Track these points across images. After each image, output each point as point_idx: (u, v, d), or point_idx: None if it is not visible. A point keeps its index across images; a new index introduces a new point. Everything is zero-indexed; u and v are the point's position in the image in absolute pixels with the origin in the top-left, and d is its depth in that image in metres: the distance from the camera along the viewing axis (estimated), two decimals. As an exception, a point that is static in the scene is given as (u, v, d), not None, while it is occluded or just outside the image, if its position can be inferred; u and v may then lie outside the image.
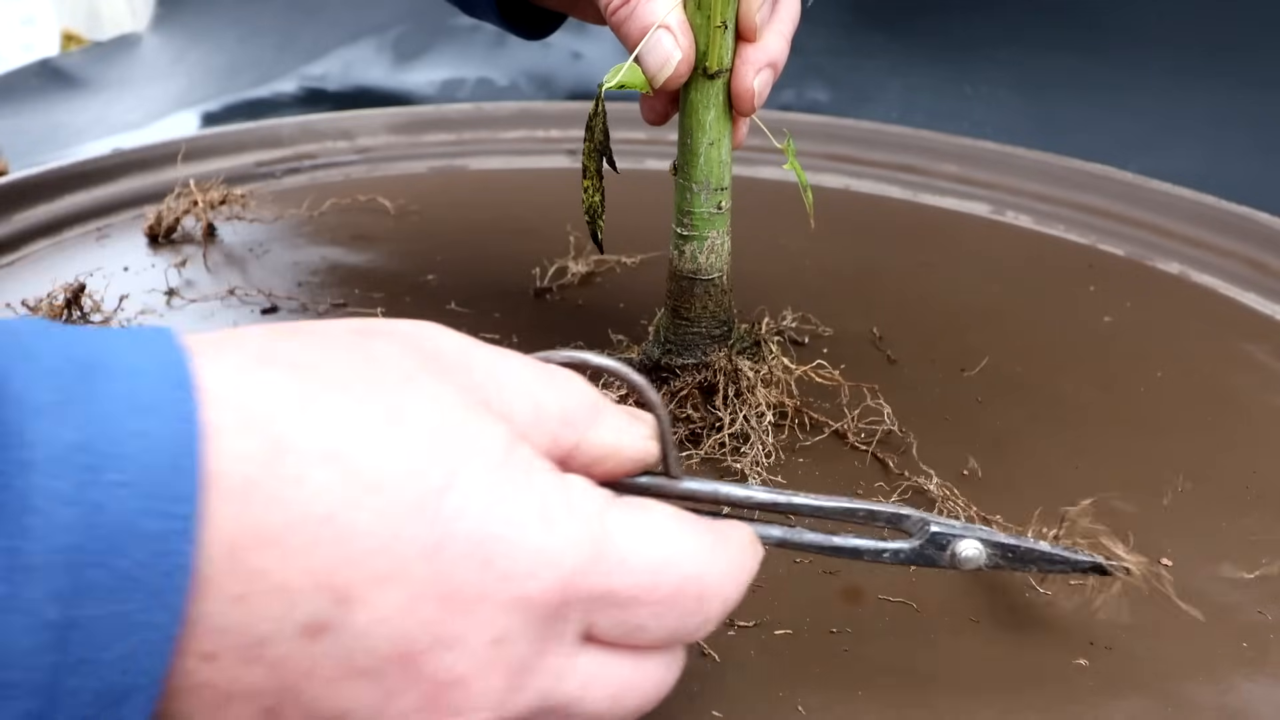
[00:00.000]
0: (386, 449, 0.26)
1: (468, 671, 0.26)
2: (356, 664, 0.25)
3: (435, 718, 0.26)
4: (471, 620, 0.26)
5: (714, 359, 0.50)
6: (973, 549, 0.36)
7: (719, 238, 0.49)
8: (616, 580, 0.28)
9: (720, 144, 0.47)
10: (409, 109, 0.92)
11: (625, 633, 0.29)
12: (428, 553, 0.25)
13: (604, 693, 0.29)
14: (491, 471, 0.27)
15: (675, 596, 0.29)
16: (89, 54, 1.36)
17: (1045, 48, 1.07)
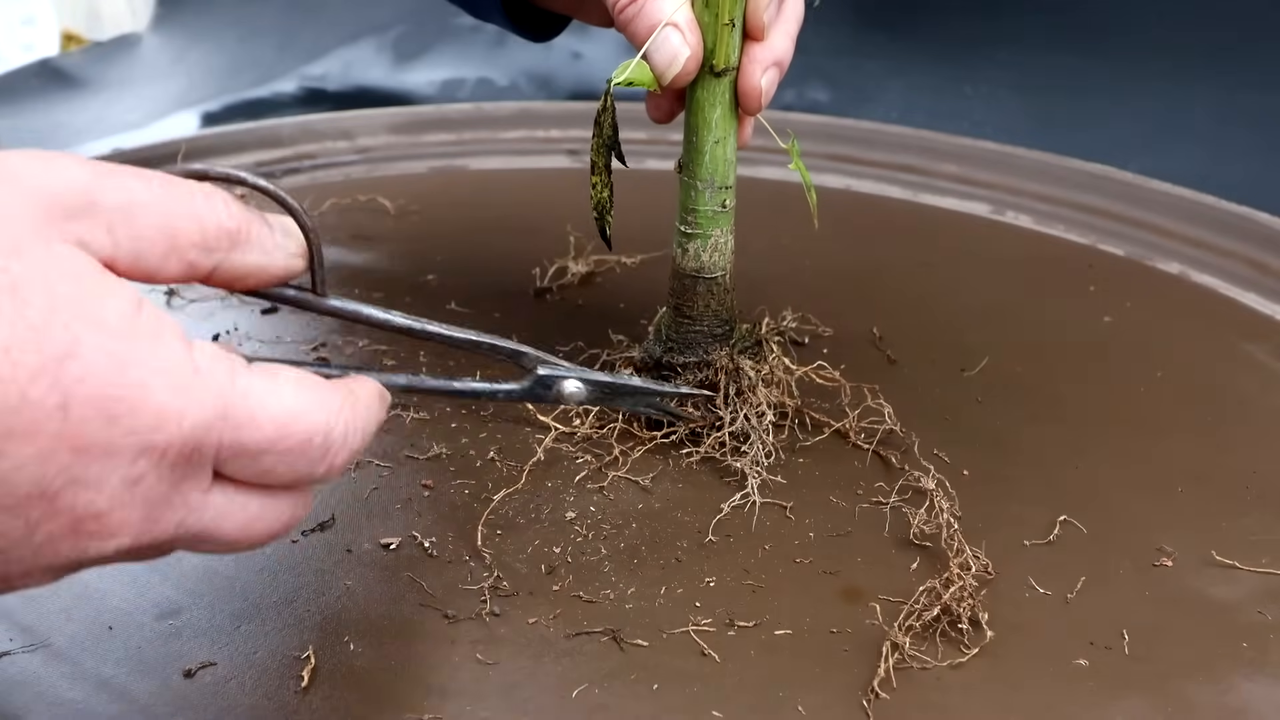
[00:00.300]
0: (6, 318, 0.28)
1: (105, 507, 0.29)
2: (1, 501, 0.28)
3: (79, 542, 0.29)
4: (104, 466, 0.29)
5: (716, 358, 0.50)
6: (574, 386, 0.42)
7: (722, 236, 0.49)
8: (245, 435, 0.31)
9: (726, 142, 0.47)
10: (409, 109, 0.92)
11: (255, 475, 0.32)
12: (55, 412, 0.28)
13: (234, 524, 0.32)
14: (113, 339, 0.29)
15: (302, 447, 0.32)
16: (89, 54, 1.35)
17: (1045, 48, 1.07)
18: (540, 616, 0.41)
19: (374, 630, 0.40)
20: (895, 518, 0.46)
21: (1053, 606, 0.42)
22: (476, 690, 0.38)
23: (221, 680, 0.38)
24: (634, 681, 0.38)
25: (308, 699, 0.37)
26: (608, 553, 0.44)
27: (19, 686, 0.37)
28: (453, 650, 0.39)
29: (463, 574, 0.43)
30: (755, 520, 0.46)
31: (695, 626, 0.40)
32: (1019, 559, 0.44)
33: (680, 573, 0.43)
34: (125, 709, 0.36)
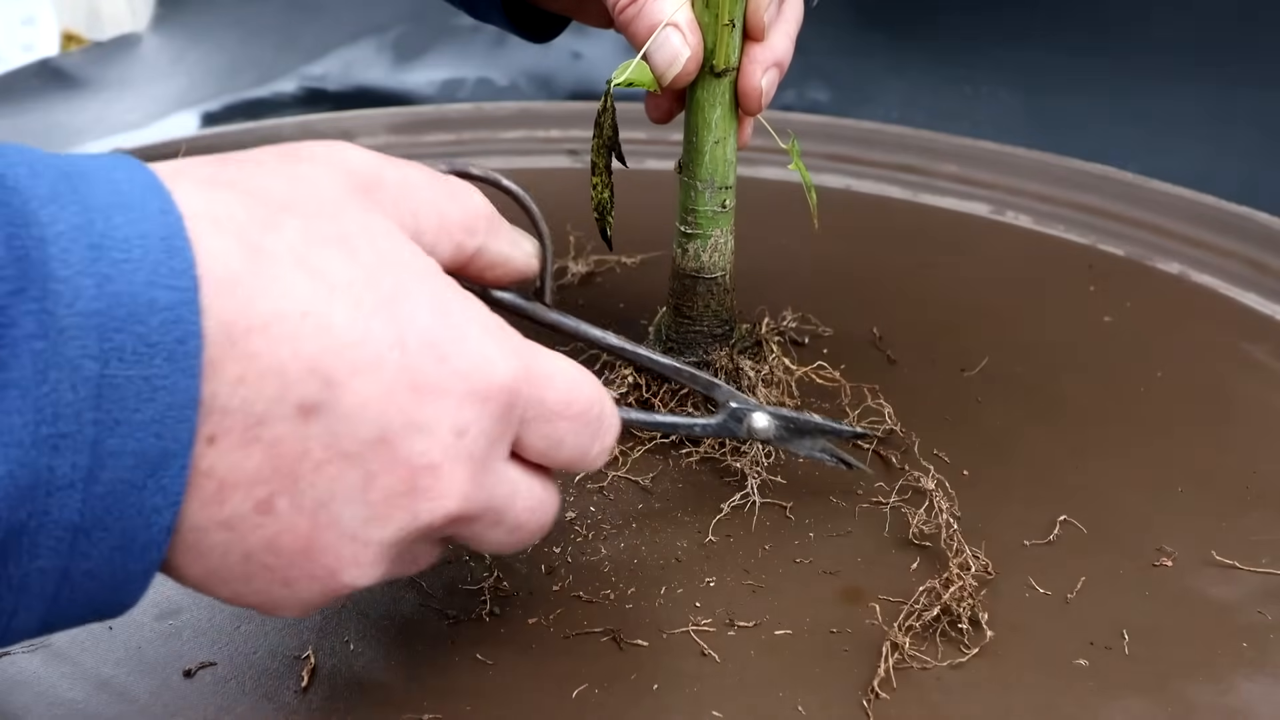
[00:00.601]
0: (342, 260, 0.29)
1: (438, 459, 0.30)
2: (343, 446, 0.29)
3: (411, 501, 0.30)
4: (437, 409, 0.30)
5: (715, 358, 0.50)
6: (764, 420, 0.44)
7: (722, 236, 0.49)
8: (546, 391, 0.32)
9: (725, 143, 0.48)
10: (409, 109, 0.92)
11: (547, 446, 0.33)
12: (394, 347, 0.29)
13: (524, 505, 0.33)
14: (433, 288, 0.31)
15: (585, 414, 0.33)
16: (89, 54, 1.35)
17: (1045, 48, 1.07)
18: (540, 616, 0.41)
19: (374, 630, 0.40)
20: (895, 518, 0.46)
21: (1053, 606, 0.42)
22: (476, 690, 0.38)
23: (221, 680, 0.38)
24: (634, 681, 0.38)
25: (308, 699, 0.37)
26: (608, 553, 0.44)
27: (19, 686, 0.37)
28: (453, 650, 0.39)
29: (463, 574, 0.43)
30: (755, 520, 0.46)
31: (695, 626, 0.40)
32: (1019, 559, 0.44)
33: (680, 573, 0.43)
34: (125, 709, 0.36)
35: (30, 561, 0.26)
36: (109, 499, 0.26)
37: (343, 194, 0.31)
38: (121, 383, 0.25)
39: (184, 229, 0.27)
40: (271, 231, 0.29)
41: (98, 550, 0.26)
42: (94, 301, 0.25)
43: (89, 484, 0.26)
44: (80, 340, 0.25)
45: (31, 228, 0.25)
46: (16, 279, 0.24)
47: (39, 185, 0.26)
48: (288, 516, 0.29)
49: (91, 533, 0.26)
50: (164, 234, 0.27)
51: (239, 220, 0.28)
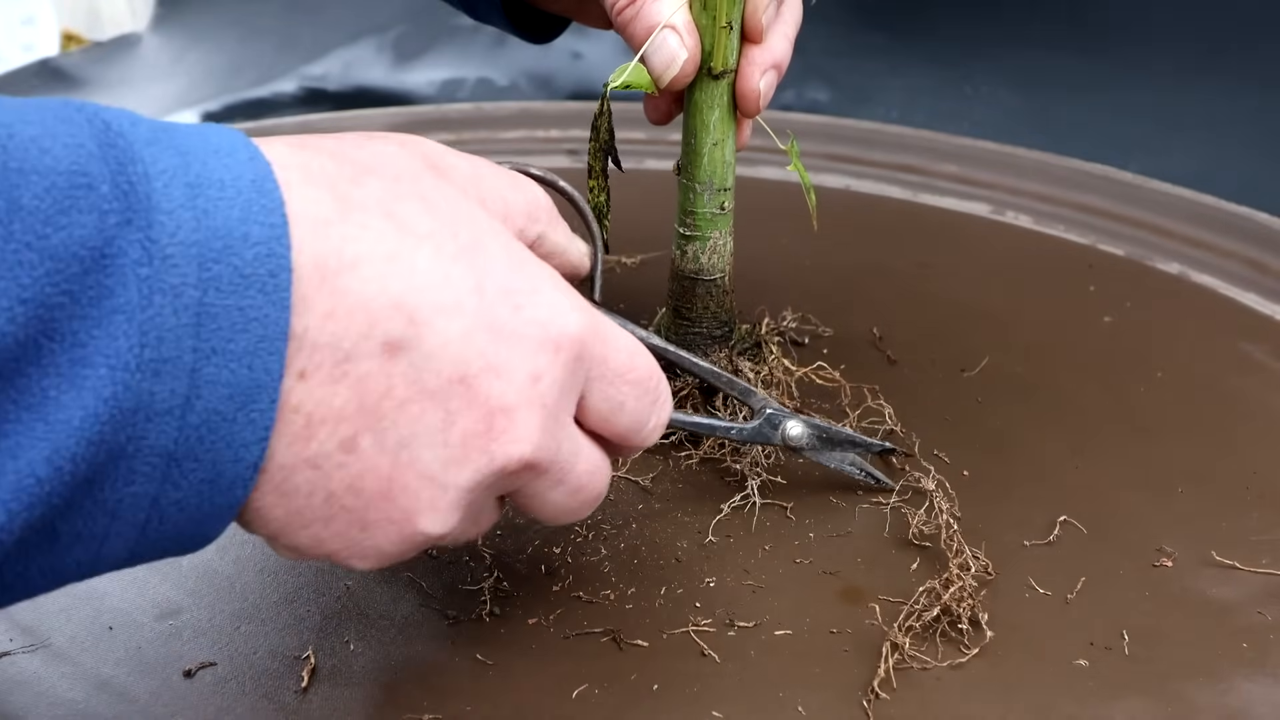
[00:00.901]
0: (423, 213, 0.31)
1: (513, 401, 0.31)
2: (426, 384, 0.30)
3: (488, 443, 0.31)
4: (513, 353, 0.31)
5: (715, 359, 0.50)
6: (798, 429, 0.45)
7: (721, 238, 0.49)
8: (610, 351, 0.34)
9: (724, 144, 0.47)
10: (409, 109, 0.92)
11: (609, 409, 0.34)
12: (473, 292, 0.31)
13: (585, 467, 0.34)
14: (506, 244, 0.32)
15: (645, 381, 0.35)
16: (89, 54, 1.35)
17: (1045, 48, 1.07)
18: (540, 616, 0.41)
19: (374, 630, 0.40)
20: (895, 518, 0.46)
21: (1053, 606, 0.42)
22: (476, 690, 0.38)
23: (221, 680, 0.38)
24: (634, 681, 0.38)
25: (308, 699, 0.37)
26: (608, 553, 0.44)
27: (19, 686, 0.37)
28: (453, 650, 0.39)
29: (463, 574, 0.43)
30: (755, 520, 0.46)
31: (695, 626, 0.40)
32: (1019, 559, 0.44)
33: (680, 573, 0.43)
34: (125, 709, 0.36)
35: (125, 486, 0.27)
36: (202, 429, 0.27)
37: (419, 166, 0.33)
38: (219, 312, 0.27)
39: (273, 174, 0.29)
40: (358, 186, 0.30)
41: (188, 481, 0.27)
42: (193, 233, 0.27)
43: (185, 412, 0.27)
44: (181, 269, 0.26)
45: (136, 165, 0.27)
46: (124, 211, 0.26)
47: (140, 131, 0.28)
48: (370, 456, 0.30)
49: (183, 462, 0.27)
50: (254, 176, 0.28)
51: (329, 173, 0.30)
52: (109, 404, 0.26)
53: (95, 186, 0.26)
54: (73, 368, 0.25)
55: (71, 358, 0.25)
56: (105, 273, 0.26)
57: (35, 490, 0.25)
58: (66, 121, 0.26)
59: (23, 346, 0.25)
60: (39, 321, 0.25)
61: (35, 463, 0.25)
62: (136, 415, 0.26)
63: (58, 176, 0.25)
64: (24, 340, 0.25)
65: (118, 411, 0.26)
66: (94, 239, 0.25)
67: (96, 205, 0.26)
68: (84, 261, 0.25)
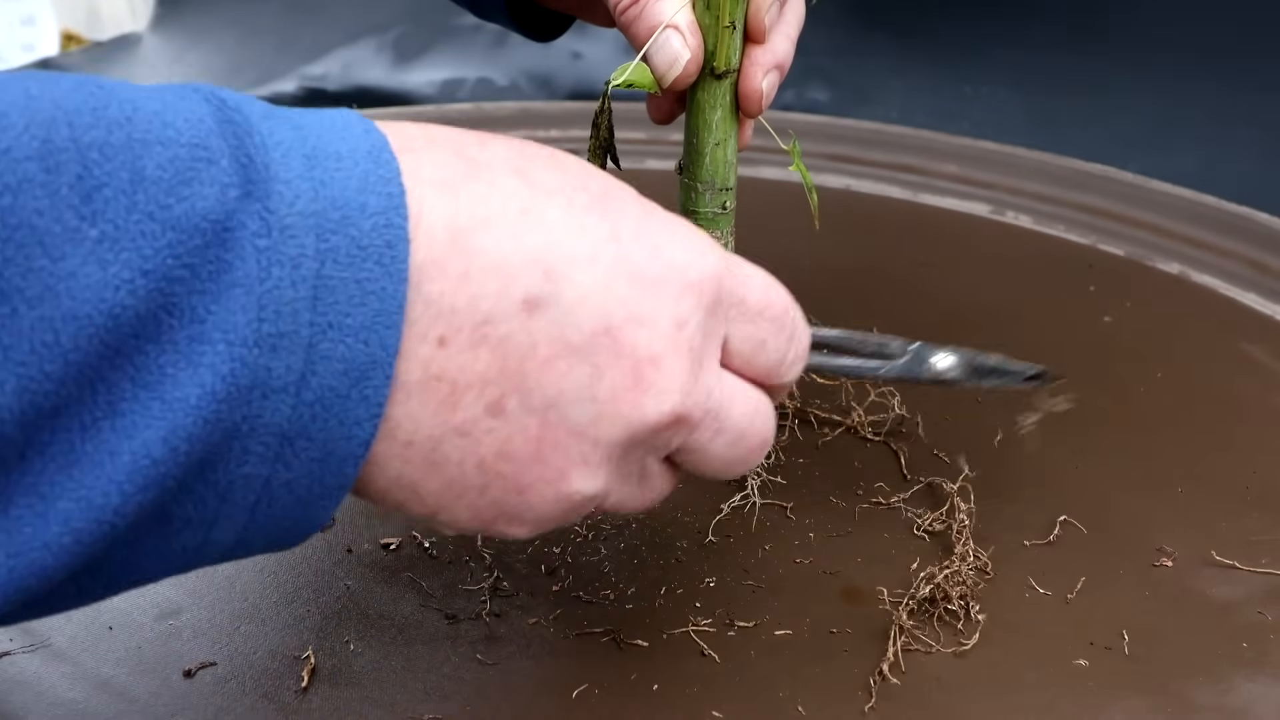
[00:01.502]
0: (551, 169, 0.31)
1: (660, 350, 0.30)
2: (569, 340, 0.29)
3: (637, 395, 0.30)
4: (656, 300, 0.30)
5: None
6: (948, 360, 0.43)
7: (723, 238, 0.49)
8: (747, 290, 0.33)
9: (726, 144, 0.47)
10: (409, 109, 0.92)
11: (752, 349, 0.33)
12: (609, 240, 0.30)
13: (742, 410, 0.33)
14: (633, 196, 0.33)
15: (783, 316, 0.34)
16: (89, 54, 1.35)
17: (1045, 48, 1.07)
18: (540, 616, 0.41)
19: (374, 630, 0.40)
20: (895, 518, 0.46)
21: (1053, 606, 0.42)
22: (476, 690, 0.38)
23: (221, 680, 0.38)
24: (634, 681, 0.38)
25: (308, 699, 0.37)
26: (608, 553, 0.44)
27: (19, 686, 0.37)
28: (453, 650, 0.39)
29: (463, 574, 0.43)
30: (755, 520, 0.46)
31: (695, 626, 0.40)
32: (1019, 559, 0.44)
33: (680, 573, 0.43)
34: (125, 709, 0.36)
35: (238, 467, 0.26)
36: (316, 406, 0.27)
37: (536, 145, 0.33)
38: (336, 285, 0.26)
39: (389, 145, 0.28)
40: (485, 148, 0.31)
41: (299, 460, 0.27)
42: (311, 204, 0.27)
43: (300, 389, 0.26)
44: (299, 239, 0.26)
45: (254, 137, 0.27)
46: (243, 184, 0.26)
47: (255, 107, 0.28)
48: (518, 417, 0.29)
49: (296, 441, 0.27)
50: (370, 147, 0.28)
51: (453, 139, 0.30)
52: (226, 381, 0.25)
53: (215, 160, 0.26)
54: (191, 344, 0.25)
55: (190, 334, 0.25)
56: (225, 246, 0.25)
57: (150, 472, 0.25)
58: (185, 99, 0.27)
59: (143, 321, 0.25)
60: (160, 295, 0.25)
61: (151, 443, 0.25)
62: (253, 392, 0.26)
63: (180, 149, 0.25)
64: (144, 314, 0.24)
65: (235, 389, 0.25)
66: (215, 211, 0.25)
67: (217, 178, 0.26)
68: (205, 234, 0.25)
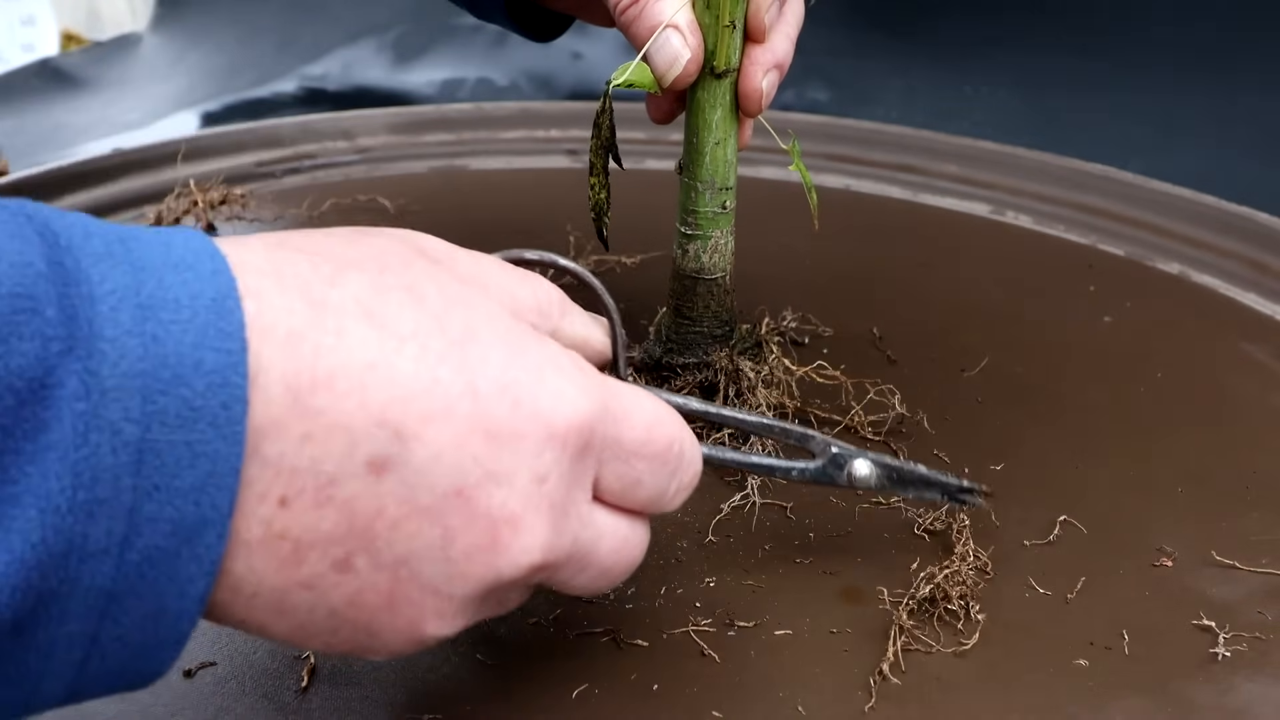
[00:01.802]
0: (409, 307, 0.29)
1: (518, 509, 0.29)
2: (419, 501, 0.28)
3: (492, 557, 0.29)
4: (514, 456, 0.29)
5: (715, 359, 0.50)
6: (865, 468, 0.41)
7: (723, 237, 0.49)
8: (623, 430, 0.32)
9: (726, 143, 0.48)
10: (409, 109, 0.92)
11: (625, 487, 0.32)
12: (465, 394, 0.28)
13: (610, 546, 0.32)
14: (504, 329, 0.30)
15: (665, 453, 0.33)
16: (89, 54, 1.35)
17: (1045, 48, 1.07)
18: (540, 616, 0.41)
19: (374, 630, 0.40)
20: (896, 518, 0.46)
21: (1053, 606, 0.42)
22: (476, 690, 0.37)
23: (221, 680, 0.38)
24: (634, 681, 0.38)
25: (307, 699, 0.37)
26: (608, 553, 0.44)
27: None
28: (453, 650, 0.39)
29: (463, 574, 0.43)
30: (755, 520, 0.46)
31: (695, 626, 0.40)
32: (1019, 559, 0.44)
33: (680, 573, 0.43)
34: (125, 709, 0.36)
35: (59, 627, 0.25)
36: (143, 566, 0.25)
37: (411, 255, 0.31)
38: (163, 448, 0.25)
39: (236, 290, 0.26)
40: (336, 286, 0.28)
41: (129, 616, 0.26)
42: (139, 363, 0.25)
43: (123, 550, 0.25)
44: (123, 403, 0.25)
45: (81, 285, 0.25)
46: (66, 339, 0.24)
47: (92, 244, 0.26)
48: (367, 574, 0.28)
49: (123, 599, 0.25)
50: (215, 294, 0.26)
51: (303, 276, 0.28)
52: (38, 549, 0.24)
53: (40, 310, 0.24)
54: (2, 507, 0.23)
55: (2, 496, 0.23)
56: (43, 404, 0.24)
57: None
58: (15, 236, 0.25)
59: None
60: None
61: None
62: (68, 559, 0.24)
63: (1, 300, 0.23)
64: None
65: (47, 556, 0.24)
66: (34, 369, 0.24)
67: (40, 331, 0.24)
68: (20, 393, 0.23)
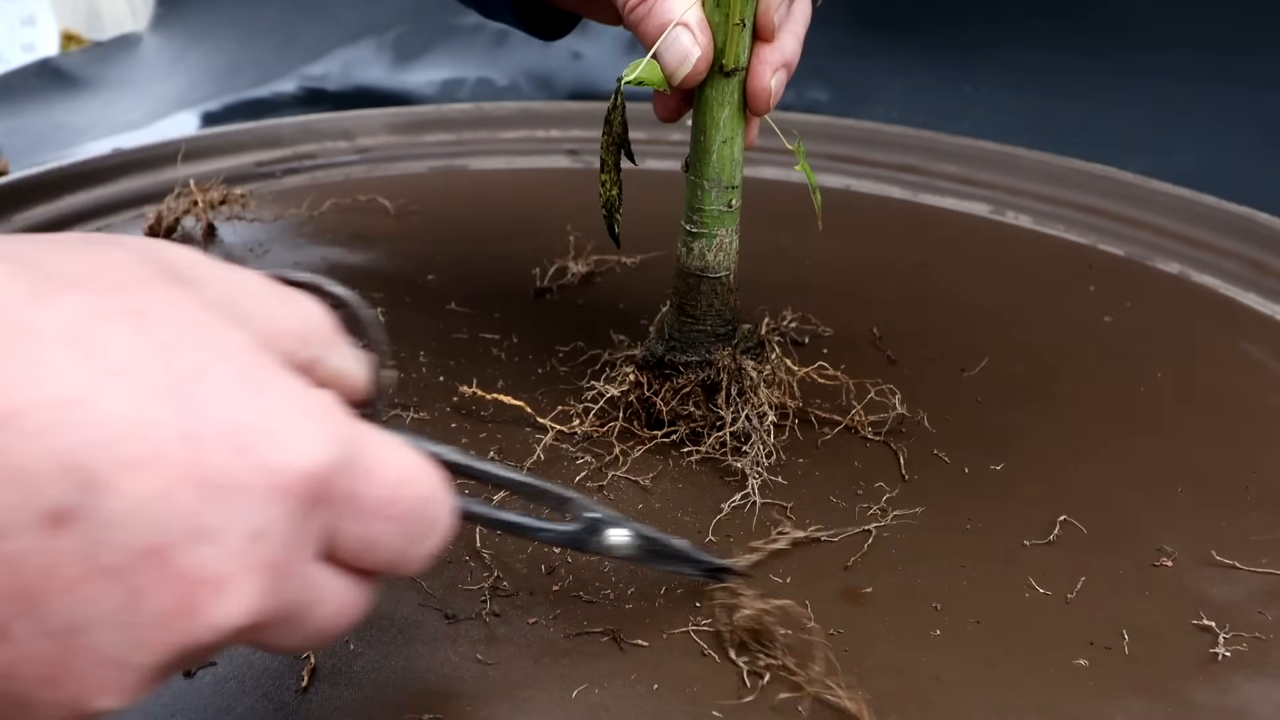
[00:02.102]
0: (131, 336, 0.25)
1: (225, 570, 0.25)
2: (102, 561, 0.24)
3: (185, 623, 0.25)
4: (230, 510, 0.25)
5: (718, 358, 0.50)
6: (621, 538, 0.39)
7: (728, 236, 0.49)
8: (367, 486, 0.28)
9: (733, 142, 0.48)
10: (409, 109, 0.92)
11: (359, 548, 0.29)
12: (181, 440, 0.25)
13: (331, 609, 0.29)
14: (243, 366, 0.27)
15: (410, 515, 0.29)
16: (89, 54, 1.36)
17: (1045, 48, 1.07)
18: (540, 616, 0.41)
19: (374, 630, 0.40)
20: (895, 518, 0.46)
21: (1053, 606, 0.42)
22: (476, 690, 0.38)
23: (221, 680, 0.38)
24: (634, 681, 0.38)
25: (307, 699, 0.37)
26: (608, 553, 0.44)
27: (19, 686, 0.37)
28: (453, 650, 0.39)
29: (463, 574, 0.43)
30: (755, 520, 0.46)
31: (695, 626, 0.40)
32: (1019, 559, 0.44)
33: (680, 573, 0.43)
34: (125, 708, 0.36)
35: None
36: None
37: (151, 275, 0.27)
38: None
39: None
40: (45, 307, 0.25)
41: None
42: None
43: None
44: None
45: None
46: None
47: None
48: (26, 643, 0.24)
49: None
50: None
51: (7, 294, 0.24)
52: None
53: None
54: None
55: None
56: None
57: None
58: None
59: None
60: None
61: None
62: None
63: None
64: None
65: None
66: None
67: None
68: None
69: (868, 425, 0.51)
